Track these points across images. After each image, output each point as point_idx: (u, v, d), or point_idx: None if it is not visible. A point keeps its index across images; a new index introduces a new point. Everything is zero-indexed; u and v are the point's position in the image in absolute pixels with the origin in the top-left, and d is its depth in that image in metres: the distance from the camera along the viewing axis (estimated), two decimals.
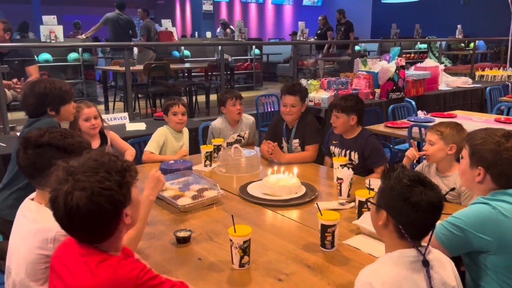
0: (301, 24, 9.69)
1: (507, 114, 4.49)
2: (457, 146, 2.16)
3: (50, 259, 1.47)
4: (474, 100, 6.22)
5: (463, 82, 6.35)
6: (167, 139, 3.01)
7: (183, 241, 1.75)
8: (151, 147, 2.94)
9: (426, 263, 1.21)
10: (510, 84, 6.38)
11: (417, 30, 10.81)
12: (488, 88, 5.64)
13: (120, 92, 7.06)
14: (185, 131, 3.18)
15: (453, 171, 2.19)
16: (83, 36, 8.06)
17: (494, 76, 6.90)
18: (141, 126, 4.02)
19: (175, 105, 3.00)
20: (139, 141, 3.20)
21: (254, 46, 9.73)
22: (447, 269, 1.30)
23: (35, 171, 1.54)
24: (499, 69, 7.25)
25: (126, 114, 4.39)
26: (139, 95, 6.62)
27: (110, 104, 6.94)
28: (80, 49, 7.42)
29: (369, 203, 1.31)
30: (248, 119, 3.41)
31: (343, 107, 2.73)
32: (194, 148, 3.30)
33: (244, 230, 1.55)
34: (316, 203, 1.76)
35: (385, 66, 5.22)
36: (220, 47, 6.14)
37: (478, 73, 7.20)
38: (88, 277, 1.11)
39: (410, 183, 1.22)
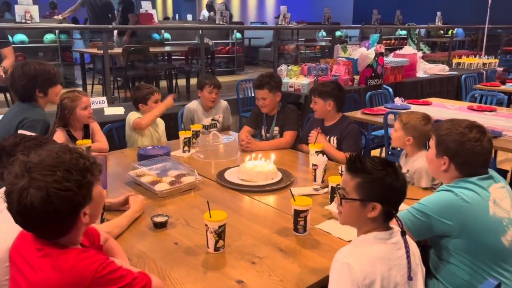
0: (283, 8, 9.63)
1: (480, 102, 4.62)
2: (413, 139, 2.29)
3: None
4: (451, 88, 6.37)
5: (440, 69, 6.48)
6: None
7: (159, 226, 1.79)
8: (136, 116, 2.95)
9: (403, 233, 1.33)
10: (484, 72, 6.53)
11: (398, 16, 10.88)
12: (463, 76, 5.77)
13: (99, 75, 6.96)
14: (160, 122, 3.14)
15: (415, 156, 2.33)
16: (60, 17, 7.85)
17: (470, 63, 7.05)
18: (119, 110, 3.99)
19: (155, 92, 2.98)
20: (117, 126, 3.18)
21: (235, 30, 9.66)
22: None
23: None
24: (475, 56, 7.41)
25: (104, 98, 4.35)
26: (118, 79, 6.54)
27: (88, 87, 6.83)
28: (56, 31, 7.24)
29: (355, 200, 1.34)
30: (221, 103, 3.48)
31: (320, 92, 2.80)
32: (173, 134, 3.31)
33: (219, 215, 1.59)
34: (290, 189, 1.82)
35: (364, 53, 5.28)
36: (200, 31, 6.09)
37: (455, 61, 7.34)
38: (48, 271, 1.08)
39: (384, 169, 1.31)
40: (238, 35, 9.76)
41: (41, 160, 1.09)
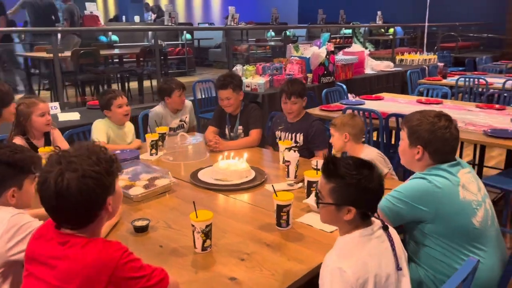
0: (231, 8, 9.65)
1: (427, 95, 4.91)
2: (349, 134, 2.44)
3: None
4: (396, 83, 6.71)
5: (386, 66, 6.81)
6: (110, 134, 2.88)
7: (141, 230, 1.76)
8: (101, 137, 2.79)
9: (386, 227, 1.35)
10: (426, 68, 6.94)
11: (342, 16, 11.27)
12: (408, 72, 6.10)
13: (44, 80, 6.63)
14: (128, 125, 3.02)
15: (358, 154, 2.38)
16: None
17: (412, 60, 7.46)
18: (75, 116, 3.86)
19: (117, 97, 2.85)
20: (77, 131, 3.06)
21: (185, 31, 9.56)
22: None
23: None
24: (416, 53, 7.84)
25: (56, 104, 4.17)
26: (66, 83, 6.27)
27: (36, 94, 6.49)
28: None
29: (330, 205, 1.33)
30: (186, 103, 3.43)
31: (299, 92, 2.84)
32: (136, 138, 3.23)
33: (205, 215, 1.60)
34: (272, 185, 1.86)
35: (316, 52, 5.43)
36: (150, 33, 5.98)
37: (398, 57, 7.73)
38: (76, 256, 1.14)
39: (358, 173, 1.29)
40: (188, 36, 9.67)
41: (75, 150, 1.21)
